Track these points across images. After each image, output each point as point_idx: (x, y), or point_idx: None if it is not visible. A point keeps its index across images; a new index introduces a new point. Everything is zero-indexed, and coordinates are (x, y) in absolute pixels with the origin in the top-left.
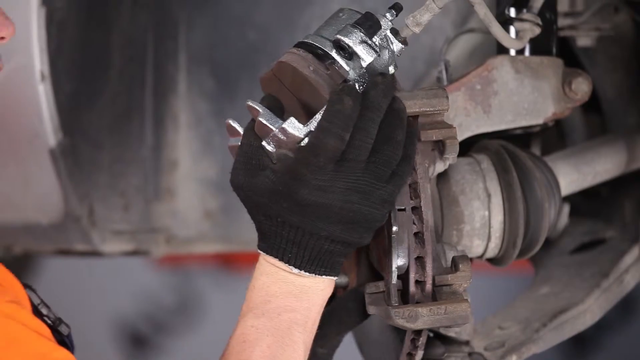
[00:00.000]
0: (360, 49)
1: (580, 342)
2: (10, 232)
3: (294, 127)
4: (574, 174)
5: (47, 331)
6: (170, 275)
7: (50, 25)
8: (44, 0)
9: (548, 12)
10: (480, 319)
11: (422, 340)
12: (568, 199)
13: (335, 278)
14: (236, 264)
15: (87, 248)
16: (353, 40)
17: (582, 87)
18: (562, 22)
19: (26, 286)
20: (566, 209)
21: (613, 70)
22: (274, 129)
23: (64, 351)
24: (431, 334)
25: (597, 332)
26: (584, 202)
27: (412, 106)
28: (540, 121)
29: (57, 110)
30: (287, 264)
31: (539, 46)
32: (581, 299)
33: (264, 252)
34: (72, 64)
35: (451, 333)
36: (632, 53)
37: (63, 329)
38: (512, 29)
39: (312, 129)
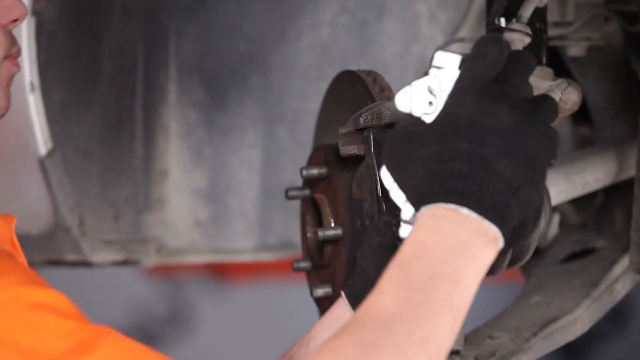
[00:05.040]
0: None
1: (571, 351)
2: None
3: None
4: (563, 184)
5: None
6: (161, 285)
7: (40, 36)
8: (34, 11)
9: (538, 22)
10: (470, 328)
11: None
12: (558, 208)
13: None
14: (227, 274)
15: (77, 258)
16: None
17: (572, 97)
18: (552, 31)
19: None
20: (556, 218)
21: (603, 80)
22: None
23: None
24: None
25: (588, 342)
26: (574, 212)
27: None
28: None
29: (47, 120)
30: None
31: None
32: (571, 308)
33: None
34: (62, 74)
35: None
36: (622, 63)
37: None
38: None
39: None
